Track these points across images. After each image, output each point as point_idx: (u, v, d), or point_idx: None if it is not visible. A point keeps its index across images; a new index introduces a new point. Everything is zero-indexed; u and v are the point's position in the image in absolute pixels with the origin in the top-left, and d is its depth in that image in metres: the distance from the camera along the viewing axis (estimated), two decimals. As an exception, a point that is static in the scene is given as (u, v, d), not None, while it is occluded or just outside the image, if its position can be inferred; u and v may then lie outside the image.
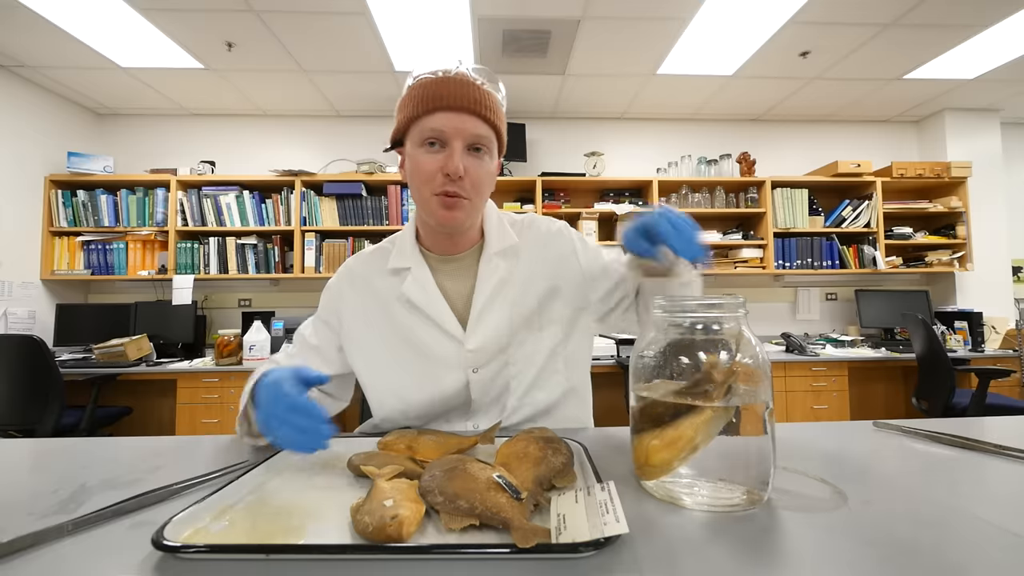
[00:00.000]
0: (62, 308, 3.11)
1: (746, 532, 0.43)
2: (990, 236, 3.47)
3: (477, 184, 0.76)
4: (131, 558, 0.40)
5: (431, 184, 0.75)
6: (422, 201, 0.78)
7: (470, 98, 0.73)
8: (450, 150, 0.73)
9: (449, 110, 0.72)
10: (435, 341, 0.82)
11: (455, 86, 0.73)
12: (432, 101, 0.73)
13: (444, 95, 0.72)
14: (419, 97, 0.74)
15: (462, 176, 0.73)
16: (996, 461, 0.61)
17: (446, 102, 0.72)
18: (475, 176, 0.75)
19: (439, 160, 0.73)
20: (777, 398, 2.85)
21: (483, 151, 0.76)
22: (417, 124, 0.75)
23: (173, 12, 2.34)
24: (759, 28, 2.52)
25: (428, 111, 0.73)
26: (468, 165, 0.74)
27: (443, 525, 0.43)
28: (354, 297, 0.88)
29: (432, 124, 0.73)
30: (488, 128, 0.75)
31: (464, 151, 0.74)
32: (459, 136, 0.73)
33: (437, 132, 0.73)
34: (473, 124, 0.73)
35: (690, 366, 0.52)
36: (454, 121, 0.72)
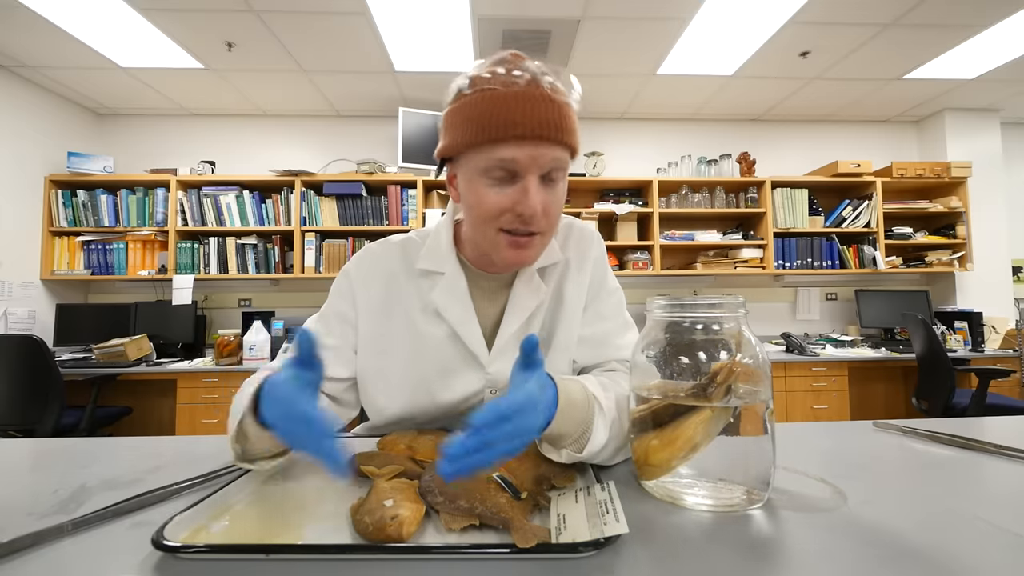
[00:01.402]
0: (62, 308, 3.11)
1: (746, 532, 0.43)
2: (990, 236, 3.47)
3: (552, 216, 0.65)
4: (131, 558, 0.40)
5: (499, 222, 0.64)
6: (484, 236, 0.67)
7: (549, 123, 0.59)
8: (524, 186, 0.61)
9: (525, 140, 0.59)
10: (457, 358, 0.76)
11: (529, 106, 0.59)
12: (502, 129, 0.58)
13: (517, 121, 0.58)
14: (483, 119, 0.60)
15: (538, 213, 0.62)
16: (996, 461, 0.61)
17: (520, 130, 0.58)
18: (551, 209, 0.64)
19: (509, 196, 0.62)
20: (777, 398, 2.85)
21: (557, 177, 0.64)
22: (481, 152, 0.61)
23: (173, 12, 2.34)
24: (759, 28, 2.52)
25: (496, 140, 0.59)
26: (544, 198, 0.62)
27: (443, 525, 0.43)
28: (374, 290, 0.78)
29: (501, 155, 0.60)
30: (565, 151, 0.63)
31: (538, 182, 0.62)
32: (535, 167, 0.61)
33: (508, 163, 0.60)
34: (550, 152, 0.60)
35: (690, 366, 0.52)
36: (530, 154, 0.60)
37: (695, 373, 0.51)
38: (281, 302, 3.41)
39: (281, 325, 2.93)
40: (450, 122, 0.65)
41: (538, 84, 0.60)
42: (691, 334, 0.53)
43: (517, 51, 0.65)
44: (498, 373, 0.76)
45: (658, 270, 3.27)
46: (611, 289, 0.83)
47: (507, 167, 0.61)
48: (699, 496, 0.49)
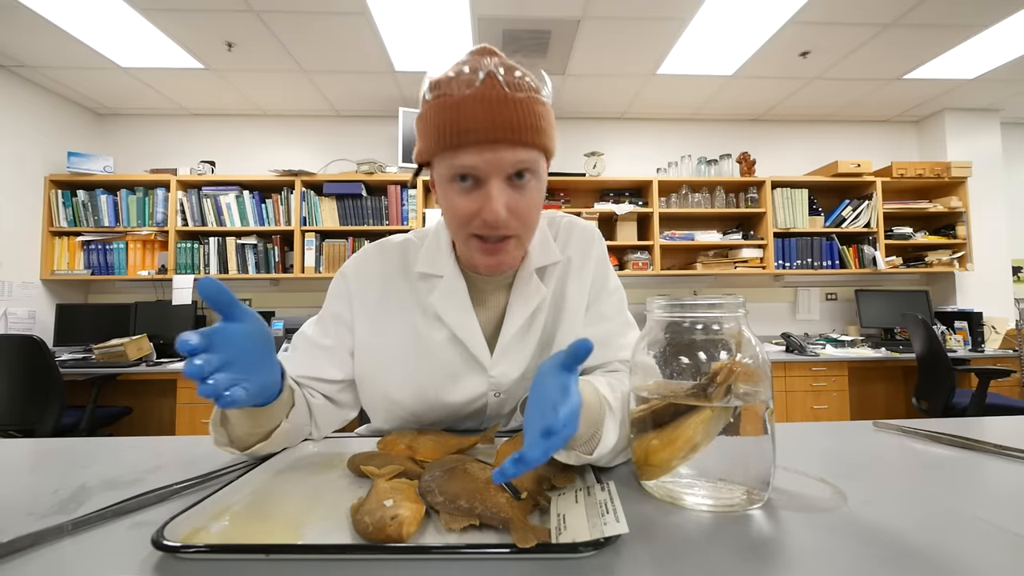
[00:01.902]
0: (62, 308, 3.11)
1: (746, 532, 0.43)
2: (990, 236, 3.47)
3: (524, 217, 0.63)
4: (131, 558, 0.40)
5: (468, 227, 0.63)
6: (459, 241, 0.67)
7: (506, 125, 0.57)
8: (486, 191, 0.59)
9: (481, 145, 0.57)
10: (459, 362, 0.75)
11: (484, 109, 0.56)
12: (457, 136, 0.57)
13: (471, 128, 0.56)
14: (440, 126, 0.58)
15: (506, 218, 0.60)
16: (996, 461, 0.61)
17: (474, 136, 0.57)
18: (520, 211, 0.62)
19: (475, 201, 0.61)
20: (777, 398, 2.85)
21: (528, 176, 0.61)
22: (443, 159, 0.60)
23: (173, 12, 2.34)
24: (759, 28, 2.52)
25: (454, 147, 0.58)
26: (511, 201, 0.60)
27: (443, 525, 0.43)
28: (371, 292, 0.77)
29: (461, 162, 0.59)
30: (532, 150, 0.60)
31: (504, 185, 0.60)
32: (496, 172, 0.59)
33: (469, 169, 0.59)
34: (512, 154, 0.58)
35: (690, 366, 0.52)
36: (488, 158, 0.58)
37: (695, 373, 0.51)
38: (281, 302, 3.41)
39: (281, 325, 2.93)
40: (419, 129, 0.64)
41: (495, 84, 0.57)
42: (691, 334, 0.53)
43: (488, 45, 0.63)
44: (501, 376, 0.75)
45: (658, 270, 3.27)
46: (612, 289, 0.82)
47: (469, 173, 0.60)
48: (699, 496, 0.49)
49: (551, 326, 0.78)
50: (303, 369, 0.74)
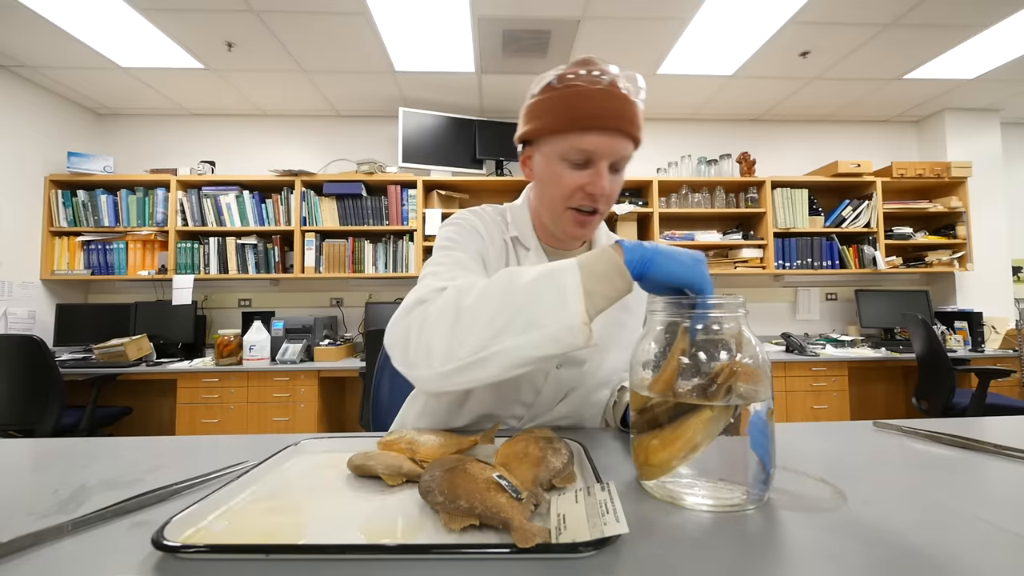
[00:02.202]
0: (62, 308, 3.11)
1: (746, 532, 0.43)
2: (990, 236, 3.47)
3: (611, 198, 0.76)
4: (131, 558, 0.40)
5: (570, 200, 0.74)
6: (553, 212, 0.78)
7: (627, 119, 0.70)
8: (597, 170, 0.71)
9: (604, 131, 0.69)
10: None
11: (613, 103, 0.69)
12: (589, 120, 0.69)
13: (602, 115, 0.69)
14: (572, 110, 0.69)
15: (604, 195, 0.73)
16: (996, 461, 0.61)
17: (603, 123, 0.69)
18: (612, 192, 0.75)
19: (583, 178, 0.72)
20: (777, 398, 2.85)
21: (622, 166, 0.75)
22: (564, 138, 0.71)
23: (173, 12, 2.34)
24: (759, 28, 2.52)
25: (582, 129, 0.69)
26: (611, 182, 0.74)
27: (443, 525, 0.43)
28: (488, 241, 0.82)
29: (584, 145, 0.70)
30: (632, 146, 0.73)
31: (607, 169, 0.73)
32: (608, 157, 0.71)
33: (587, 152, 0.70)
34: (622, 146, 0.71)
35: (690, 366, 0.52)
36: (607, 143, 0.70)
37: (695, 373, 0.51)
38: (281, 302, 3.41)
39: (281, 325, 2.93)
40: (536, 110, 0.74)
41: (616, 85, 0.70)
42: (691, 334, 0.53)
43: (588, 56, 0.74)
44: None
45: (658, 270, 3.26)
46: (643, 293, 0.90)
47: (586, 154, 0.71)
48: (699, 496, 0.49)
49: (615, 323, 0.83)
50: None
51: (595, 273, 0.56)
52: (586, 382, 0.83)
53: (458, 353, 0.57)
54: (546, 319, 0.54)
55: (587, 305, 0.54)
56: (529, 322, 0.54)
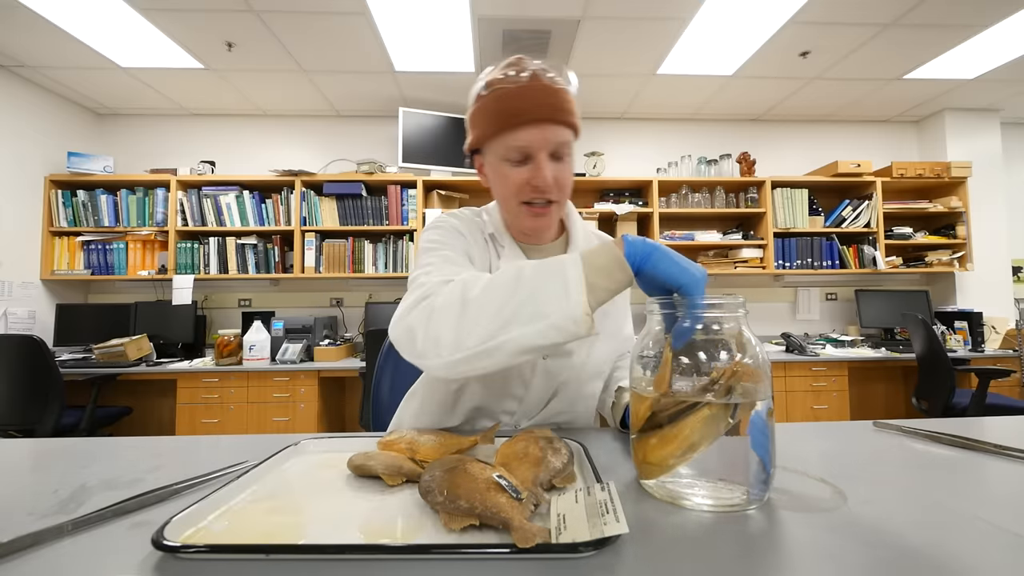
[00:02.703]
0: (62, 308, 3.11)
1: (746, 532, 0.43)
2: (990, 236, 3.47)
3: (563, 187, 0.77)
4: (131, 558, 0.40)
5: (520, 195, 0.76)
6: (509, 210, 0.80)
7: (550, 106, 0.72)
8: (537, 163, 0.73)
9: (532, 124, 0.71)
10: None
11: (535, 95, 0.71)
12: (515, 116, 0.71)
13: (526, 108, 0.71)
14: (499, 111, 0.72)
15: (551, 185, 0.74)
16: (996, 461, 0.61)
17: (529, 116, 0.71)
18: (561, 179, 0.76)
19: (525, 173, 0.74)
20: (777, 398, 2.85)
21: (564, 155, 0.76)
22: (499, 139, 0.74)
23: (173, 12, 2.34)
24: (759, 28, 2.52)
25: (512, 127, 0.72)
26: (552, 171, 0.74)
27: (443, 525, 0.43)
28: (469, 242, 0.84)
29: (516, 142, 0.72)
30: (569, 132, 0.75)
31: (548, 159, 0.74)
32: (544, 147, 0.73)
33: (523, 149, 0.73)
34: (555, 133, 0.73)
35: (690, 366, 0.52)
36: (538, 135, 0.72)
37: (695, 373, 0.51)
38: (281, 302, 3.41)
39: (281, 325, 2.93)
40: (474, 120, 0.78)
41: (539, 78, 0.72)
42: (691, 334, 0.53)
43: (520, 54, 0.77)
44: None
45: (658, 270, 3.26)
46: None
47: (522, 150, 0.73)
48: (699, 496, 0.49)
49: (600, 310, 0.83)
50: None
51: (596, 266, 0.58)
52: (576, 374, 0.84)
53: (466, 343, 0.59)
54: (551, 308, 0.56)
55: (589, 297, 0.56)
56: (535, 313, 0.57)
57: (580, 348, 0.83)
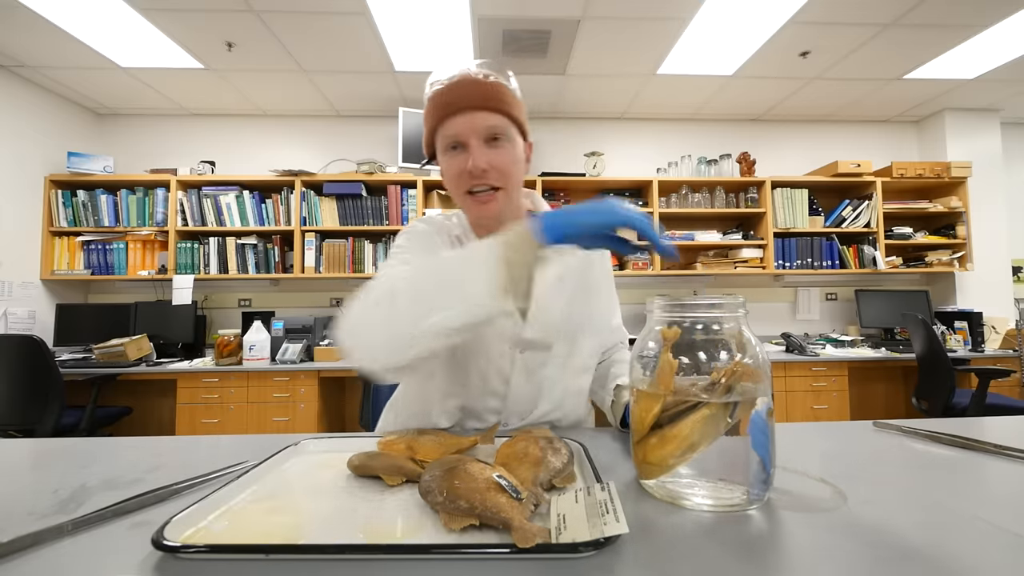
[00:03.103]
0: (62, 308, 3.11)
1: (746, 532, 0.43)
2: (990, 236, 3.47)
3: (503, 171, 0.78)
4: (131, 558, 0.40)
5: (460, 185, 0.78)
6: (459, 201, 0.82)
7: (478, 95, 0.75)
8: (468, 149, 0.76)
9: (460, 112, 0.75)
10: None
11: (462, 88, 0.76)
12: (444, 108, 0.76)
13: (452, 100, 0.75)
14: (434, 107, 0.78)
15: (485, 170, 0.76)
16: (996, 461, 0.61)
17: (456, 106, 0.75)
18: (499, 164, 0.77)
19: (462, 161, 0.76)
20: (777, 398, 2.85)
21: (501, 139, 0.77)
22: (438, 132, 0.78)
23: (173, 12, 2.34)
24: (759, 28, 2.52)
25: (443, 118, 0.76)
26: (490, 157, 0.76)
27: (443, 525, 0.43)
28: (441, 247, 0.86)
29: (449, 131, 0.76)
30: (500, 117, 0.77)
31: (483, 145, 0.76)
32: (473, 134, 0.75)
33: (454, 136, 0.76)
34: (484, 118, 0.75)
35: (690, 366, 0.52)
36: (466, 122, 0.75)
37: (695, 373, 0.51)
38: (281, 302, 3.41)
39: (281, 325, 2.93)
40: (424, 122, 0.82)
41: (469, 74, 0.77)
42: (691, 334, 0.53)
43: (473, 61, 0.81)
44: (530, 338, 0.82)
45: (658, 270, 3.27)
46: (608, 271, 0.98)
47: (456, 140, 0.76)
48: (699, 496, 0.49)
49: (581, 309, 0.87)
50: None
51: (508, 243, 0.61)
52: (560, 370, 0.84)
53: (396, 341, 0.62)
54: (469, 289, 0.59)
55: (506, 273, 0.58)
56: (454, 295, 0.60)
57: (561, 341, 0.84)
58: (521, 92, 0.83)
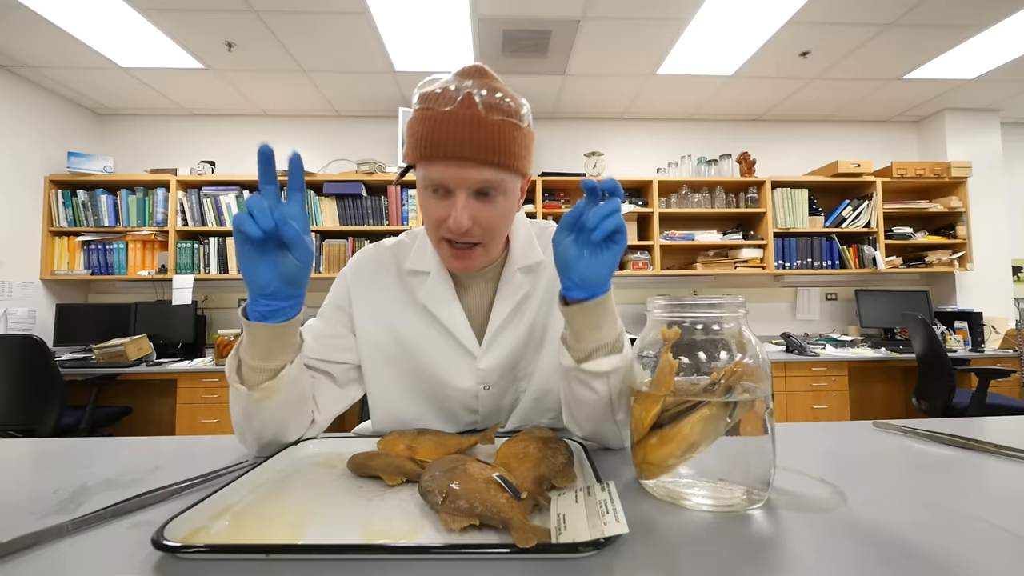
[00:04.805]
0: (62, 308, 3.11)
1: (746, 532, 0.43)
2: (990, 236, 3.47)
3: (489, 229, 0.68)
4: (131, 558, 0.40)
5: (436, 231, 0.69)
6: (433, 242, 0.73)
7: (474, 143, 0.62)
8: (453, 201, 0.65)
9: (447, 160, 0.63)
10: (449, 353, 0.78)
11: (459, 129, 0.61)
12: (429, 148, 0.63)
13: (443, 142, 0.62)
14: (419, 137, 0.64)
15: (468, 228, 0.66)
16: (996, 461, 0.61)
17: (444, 151, 0.62)
18: (485, 222, 0.67)
19: (444, 209, 0.66)
20: (777, 398, 2.85)
21: (494, 194, 0.66)
22: (420, 167, 0.67)
23: (173, 12, 2.34)
24: (759, 28, 2.52)
25: (427, 159, 0.64)
26: (476, 212, 0.66)
27: (443, 525, 0.43)
28: (368, 289, 0.81)
29: (432, 175, 0.65)
30: (498, 172, 0.64)
31: (470, 199, 0.65)
32: (463, 186, 0.64)
33: (438, 182, 0.65)
34: (478, 173, 0.63)
35: (690, 366, 0.52)
36: (455, 173, 0.63)
37: (695, 373, 0.51)
38: (281, 302, 3.40)
39: (281, 325, 2.93)
40: (407, 134, 0.69)
41: (472, 104, 0.62)
42: (691, 334, 0.53)
43: (481, 65, 0.68)
44: (490, 369, 0.77)
45: (658, 270, 3.27)
46: None
47: (437, 183, 0.65)
48: (699, 496, 0.49)
49: (543, 322, 0.80)
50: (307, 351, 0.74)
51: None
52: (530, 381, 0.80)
53: None
54: None
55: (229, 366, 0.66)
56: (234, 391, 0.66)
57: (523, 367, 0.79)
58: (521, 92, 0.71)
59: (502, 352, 0.77)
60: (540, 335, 0.80)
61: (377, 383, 0.81)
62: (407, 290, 0.80)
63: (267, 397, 0.64)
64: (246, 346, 0.63)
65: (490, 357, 0.77)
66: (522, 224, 0.83)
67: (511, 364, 0.78)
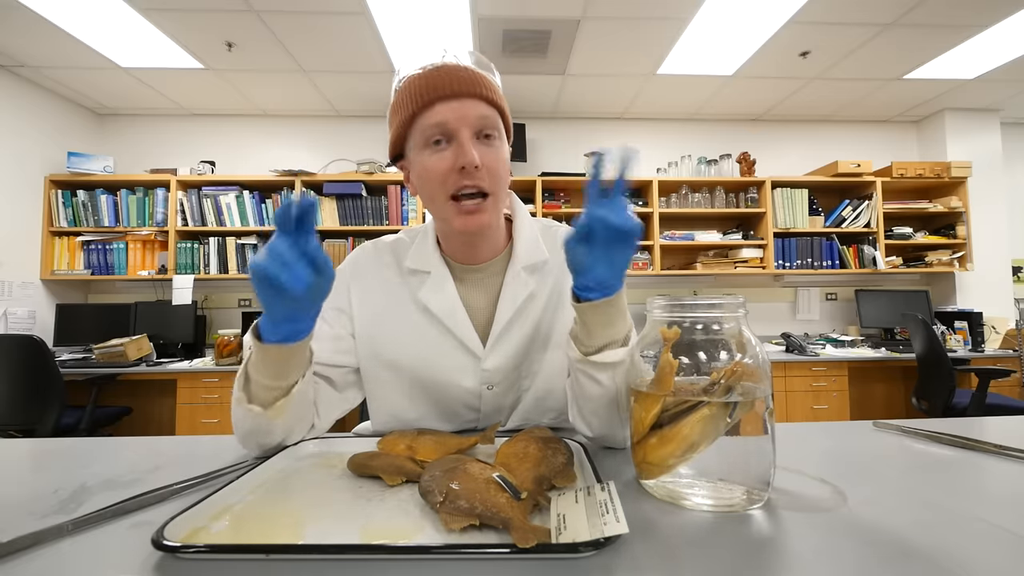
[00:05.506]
0: (62, 308, 3.11)
1: (746, 532, 0.43)
2: (990, 236, 3.47)
3: (494, 173, 0.68)
4: (131, 558, 0.40)
5: (445, 186, 0.68)
6: (438, 210, 0.71)
7: (468, 80, 0.67)
8: (459, 141, 0.66)
9: (448, 98, 0.66)
10: (451, 353, 0.76)
11: (448, 73, 0.67)
12: (428, 93, 0.66)
13: (439, 84, 0.66)
14: (413, 94, 0.67)
15: (478, 166, 0.66)
16: (996, 461, 0.61)
17: (443, 91, 0.66)
18: (491, 165, 0.68)
19: (449, 157, 0.66)
20: (777, 398, 2.85)
21: (493, 136, 0.69)
22: (416, 124, 0.68)
23: (173, 12, 2.34)
24: (759, 28, 2.52)
25: (426, 105, 0.66)
26: (481, 154, 0.66)
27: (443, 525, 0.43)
28: (367, 287, 0.80)
29: (433, 119, 0.66)
30: (492, 109, 0.69)
31: (473, 139, 0.67)
32: (465, 123, 0.66)
33: (441, 126, 0.66)
34: (475, 107, 0.67)
35: (690, 366, 0.52)
36: (456, 109, 0.66)
37: (695, 373, 0.51)
38: (281, 302, 3.40)
39: (281, 325, 2.93)
40: (391, 117, 0.73)
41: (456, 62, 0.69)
42: (691, 334, 0.53)
43: None
44: (494, 369, 0.76)
45: (658, 270, 3.27)
46: None
47: (441, 131, 0.67)
48: (699, 496, 0.49)
49: (549, 322, 0.79)
50: None
51: None
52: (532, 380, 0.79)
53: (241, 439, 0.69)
54: None
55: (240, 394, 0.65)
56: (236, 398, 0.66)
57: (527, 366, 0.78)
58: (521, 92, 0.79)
59: (507, 353, 0.76)
60: (546, 335, 0.78)
61: (377, 384, 0.80)
62: (407, 289, 0.79)
63: (279, 415, 0.64)
64: (257, 366, 0.62)
65: (495, 358, 0.76)
66: (527, 222, 0.82)
67: (515, 364, 0.77)
